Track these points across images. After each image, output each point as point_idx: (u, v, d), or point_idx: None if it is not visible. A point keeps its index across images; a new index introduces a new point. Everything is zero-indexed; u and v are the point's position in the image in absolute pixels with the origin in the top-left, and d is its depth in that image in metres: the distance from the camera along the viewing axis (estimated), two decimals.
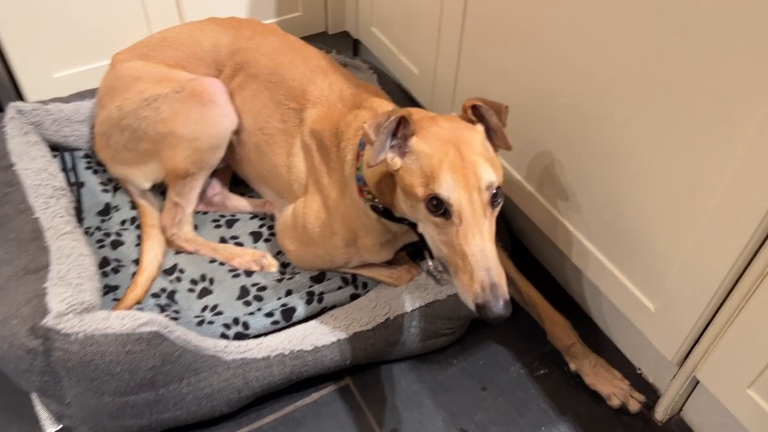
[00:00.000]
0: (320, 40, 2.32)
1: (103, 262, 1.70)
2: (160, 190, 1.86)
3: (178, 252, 1.76)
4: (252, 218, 1.87)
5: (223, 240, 1.81)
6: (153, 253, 1.71)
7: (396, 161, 1.21)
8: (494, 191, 1.14)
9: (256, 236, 1.82)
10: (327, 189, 1.53)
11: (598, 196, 1.44)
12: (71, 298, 1.41)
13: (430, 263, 1.43)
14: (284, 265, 1.74)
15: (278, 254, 1.78)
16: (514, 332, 1.67)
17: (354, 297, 1.64)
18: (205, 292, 1.67)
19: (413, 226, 1.32)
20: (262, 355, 1.49)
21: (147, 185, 1.77)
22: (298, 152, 1.61)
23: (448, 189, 1.12)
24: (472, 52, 1.69)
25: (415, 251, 1.73)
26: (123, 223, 1.81)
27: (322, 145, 1.54)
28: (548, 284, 1.76)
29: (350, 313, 1.57)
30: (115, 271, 1.70)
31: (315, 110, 1.59)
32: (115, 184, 1.89)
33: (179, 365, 1.39)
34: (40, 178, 1.69)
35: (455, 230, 1.13)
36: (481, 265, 1.09)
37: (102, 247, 1.74)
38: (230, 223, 1.85)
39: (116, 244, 1.76)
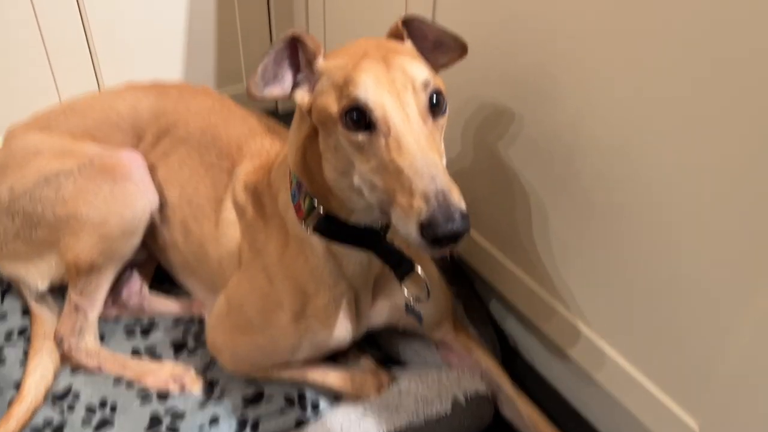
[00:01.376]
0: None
1: None
2: (61, 292, 1.50)
3: (75, 370, 1.37)
4: (176, 324, 1.50)
5: (136, 352, 1.43)
6: (40, 374, 1.32)
7: (304, 96, 0.98)
8: (432, 93, 0.91)
9: (178, 347, 1.44)
10: (265, 244, 1.20)
11: (616, 278, 1.11)
12: None
13: (406, 292, 1.12)
14: (211, 384, 1.35)
15: (206, 370, 1.40)
16: None
17: (300, 423, 1.26)
18: (103, 424, 1.27)
19: (370, 241, 1.07)
20: None
21: (43, 286, 1.41)
22: (229, 215, 1.29)
23: (366, 88, 0.89)
24: None
25: (385, 358, 1.38)
26: (9, 336, 1.43)
27: (255, 195, 1.25)
28: (548, 398, 1.39)
29: None
30: None
31: (250, 163, 1.30)
32: (4, 287, 1.52)
33: None
34: None
35: (384, 144, 0.87)
36: (423, 173, 0.83)
37: None
38: (147, 331, 1.48)
39: None
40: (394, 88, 0.90)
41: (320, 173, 1.03)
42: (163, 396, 1.31)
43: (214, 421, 1.26)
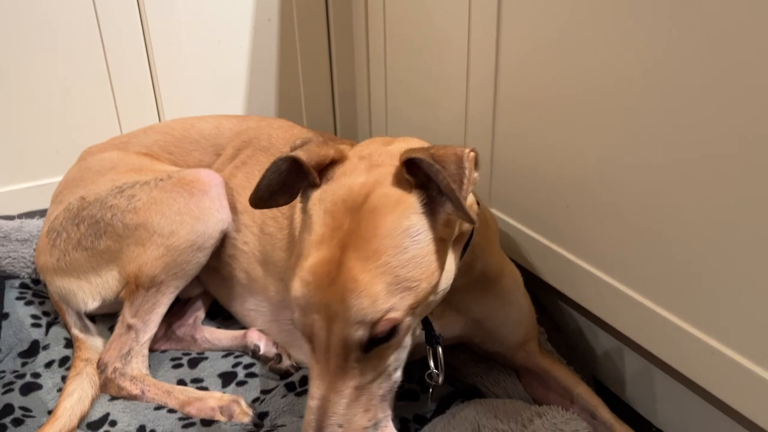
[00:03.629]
0: None
1: (4, 411, 1.18)
2: (108, 324, 1.40)
3: (114, 398, 1.23)
4: (225, 356, 1.37)
5: (181, 383, 1.29)
6: (77, 397, 1.19)
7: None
8: (377, 329, 0.77)
9: (227, 378, 1.30)
10: None
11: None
12: None
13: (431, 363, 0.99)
14: (261, 417, 1.20)
15: (255, 401, 1.24)
16: None
17: None
18: None
19: None
20: None
21: (94, 305, 1.32)
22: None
23: (296, 309, 0.79)
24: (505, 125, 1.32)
25: (462, 390, 1.20)
26: (49, 364, 1.32)
27: None
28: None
29: None
30: (17, 422, 1.17)
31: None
32: (51, 318, 1.43)
33: None
34: None
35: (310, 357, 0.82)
36: (307, 421, 0.79)
37: (8, 391, 1.23)
38: (194, 363, 1.35)
39: (29, 388, 1.25)
40: (325, 311, 0.77)
41: None
42: (207, 423, 1.16)
43: None
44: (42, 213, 1.57)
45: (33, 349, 1.36)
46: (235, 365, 1.33)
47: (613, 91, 1.06)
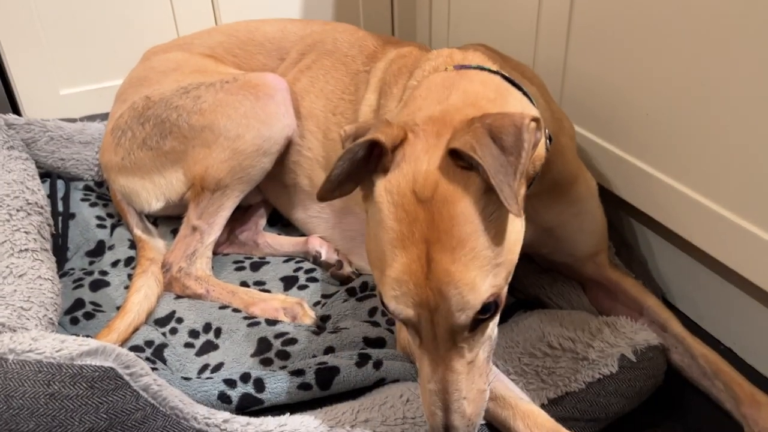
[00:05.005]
0: None
1: (75, 305, 1.22)
2: (170, 227, 1.41)
3: (180, 297, 1.26)
4: (286, 261, 1.37)
5: (244, 285, 1.30)
6: (144, 293, 1.22)
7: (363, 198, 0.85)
8: (480, 311, 0.77)
9: (288, 282, 1.31)
10: None
11: None
12: (5, 320, 0.93)
13: None
14: (323, 320, 1.21)
15: (316, 305, 1.25)
16: (683, 421, 1.05)
17: None
18: (208, 347, 1.14)
19: None
20: None
21: (158, 205, 1.33)
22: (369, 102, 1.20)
23: (395, 306, 0.79)
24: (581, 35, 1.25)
25: (524, 301, 1.19)
26: (115, 263, 1.35)
27: (384, 82, 1.14)
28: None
29: None
30: (89, 316, 1.20)
31: (395, 51, 1.22)
32: (115, 220, 1.46)
33: None
34: (10, 189, 1.27)
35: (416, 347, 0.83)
36: (430, 403, 0.81)
37: (78, 287, 1.27)
38: (256, 266, 1.36)
39: (98, 285, 1.28)
40: (426, 304, 0.77)
41: None
42: (271, 323, 1.17)
43: (329, 350, 1.11)
44: (103, 117, 1.57)
45: (99, 249, 1.39)
46: (297, 270, 1.34)
47: None
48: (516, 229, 0.82)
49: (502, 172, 0.72)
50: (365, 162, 0.80)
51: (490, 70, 0.94)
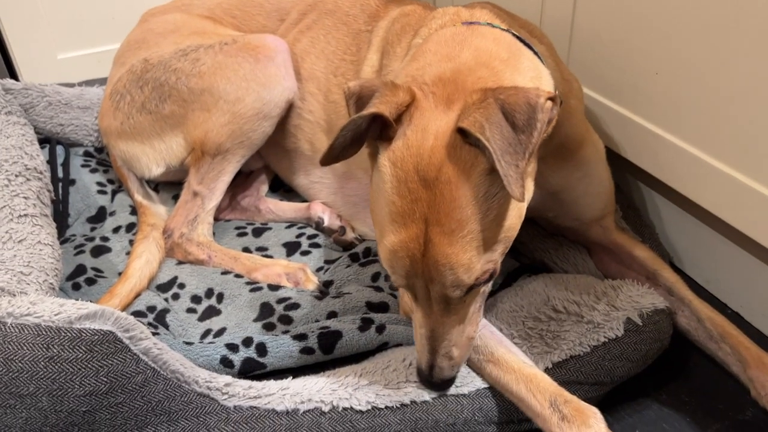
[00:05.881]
0: None
1: (77, 271, 1.22)
2: (172, 193, 1.40)
3: (182, 262, 1.25)
4: (288, 227, 1.36)
5: (246, 251, 1.29)
6: (145, 259, 1.21)
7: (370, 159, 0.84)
8: (475, 283, 0.80)
9: (291, 248, 1.30)
10: None
11: None
12: (4, 284, 0.93)
13: None
14: (326, 285, 1.20)
15: (319, 270, 1.24)
16: (688, 385, 1.04)
17: None
18: (210, 313, 1.14)
19: None
20: (284, 407, 0.92)
21: (158, 171, 1.32)
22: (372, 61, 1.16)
23: (390, 273, 0.82)
24: None
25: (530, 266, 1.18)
26: (116, 229, 1.34)
27: (386, 41, 1.11)
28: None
29: None
30: (90, 282, 1.20)
31: (399, 10, 1.18)
32: (116, 186, 1.44)
33: (141, 399, 0.85)
34: (9, 155, 1.25)
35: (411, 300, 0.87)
36: (422, 345, 0.87)
37: (80, 253, 1.26)
38: (258, 232, 1.35)
39: (99, 251, 1.27)
40: (422, 276, 0.79)
41: None
42: (274, 288, 1.16)
43: (332, 315, 1.10)
44: (102, 81, 1.55)
45: (100, 215, 1.38)
46: (299, 236, 1.32)
47: None
48: (518, 205, 0.81)
49: (510, 152, 0.71)
50: (368, 129, 0.79)
51: (500, 28, 0.91)
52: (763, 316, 1.11)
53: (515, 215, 0.80)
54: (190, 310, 1.14)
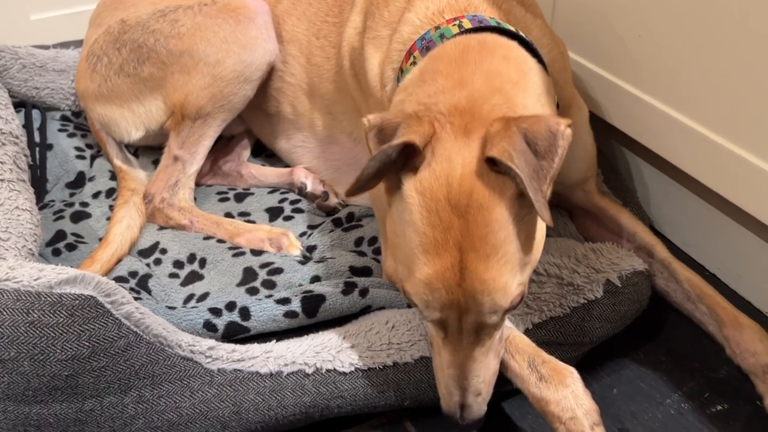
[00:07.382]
0: None
1: (57, 237, 1.20)
2: (152, 157, 1.38)
3: (163, 228, 1.24)
4: (271, 192, 1.35)
5: (228, 216, 1.29)
6: (126, 224, 1.20)
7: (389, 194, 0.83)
8: (509, 307, 0.80)
9: (273, 213, 1.30)
10: None
11: None
12: None
13: None
14: (309, 250, 1.20)
15: (302, 236, 1.24)
16: (665, 345, 1.06)
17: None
18: (193, 278, 1.14)
19: None
20: (268, 370, 0.93)
21: (137, 135, 1.30)
22: (354, 25, 1.13)
23: (424, 309, 0.81)
24: None
25: None
26: (96, 195, 1.33)
27: (370, 2, 1.09)
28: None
29: (413, 322, 1.00)
30: (71, 248, 1.19)
31: None
32: (94, 151, 1.42)
33: (124, 362, 0.85)
34: None
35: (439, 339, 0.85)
36: (448, 385, 0.84)
37: (59, 219, 1.25)
38: (240, 197, 1.34)
39: (79, 216, 1.26)
40: (457, 307, 0.78)
41: None
42: (257, 253, 1.16)
43: (315, 279, 1.10)
44: (77, 44, 1.51)
45: (79, 180, 1.37)
46: (282, 201, 1.32)
47: None
48: (542, 227, 0.83)
49: (535, 178, 0.72)
50: (396, 160, 0.78)
51: (506, 29, 0.91)
52: (739, 277, 1.13)
53: (540, 236, 0.83)
54: (173, 275, 1.14)
